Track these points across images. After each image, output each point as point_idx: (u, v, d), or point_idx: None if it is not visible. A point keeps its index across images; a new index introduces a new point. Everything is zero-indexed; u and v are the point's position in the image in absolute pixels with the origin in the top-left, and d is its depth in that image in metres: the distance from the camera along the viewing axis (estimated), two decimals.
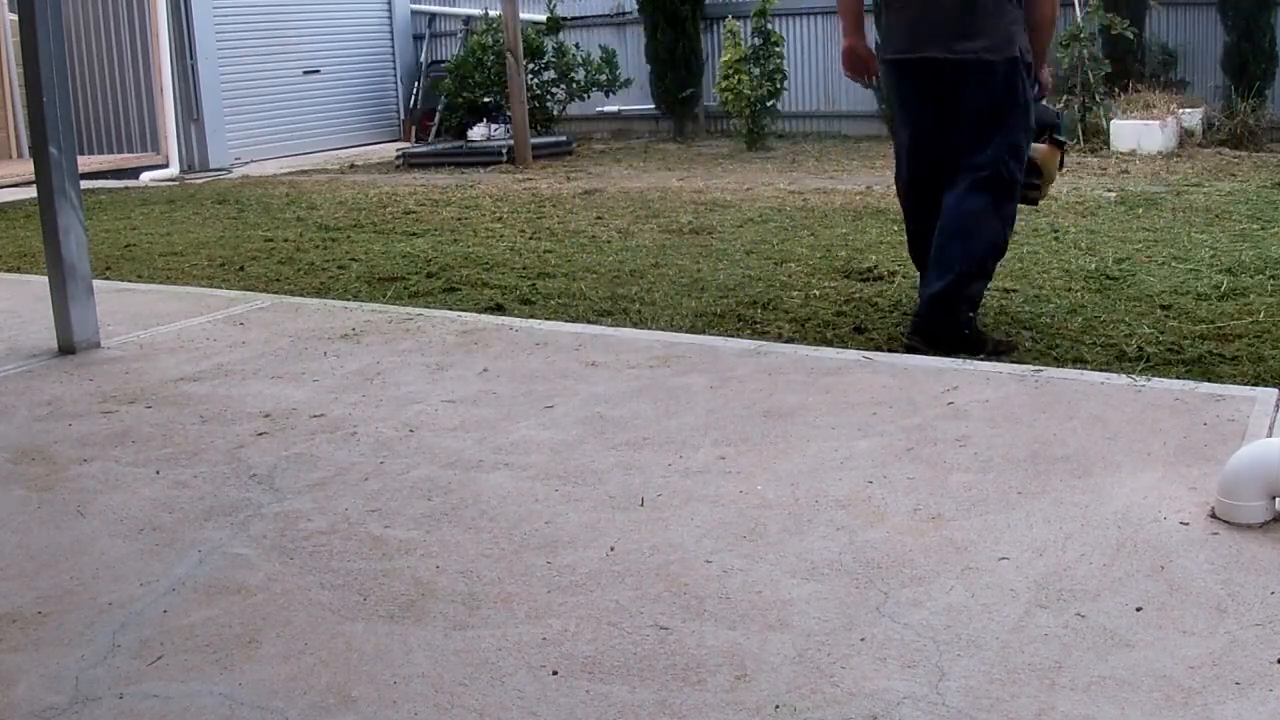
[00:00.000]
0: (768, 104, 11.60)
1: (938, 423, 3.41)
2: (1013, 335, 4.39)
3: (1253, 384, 3.71)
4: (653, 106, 13.27)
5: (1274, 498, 2.68)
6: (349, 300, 5.43)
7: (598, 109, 13.55)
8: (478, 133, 13.13)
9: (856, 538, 2.70)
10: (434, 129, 13.84)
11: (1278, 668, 2.10)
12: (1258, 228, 6.30)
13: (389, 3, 14.40)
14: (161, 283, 6.08)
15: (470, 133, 13.21)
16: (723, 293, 5.28)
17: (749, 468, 3.14)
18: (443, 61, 14.14)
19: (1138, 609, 2.33)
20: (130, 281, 6.13)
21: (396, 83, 14.49)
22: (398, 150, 12.21)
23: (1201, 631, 2.23)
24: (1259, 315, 4.52)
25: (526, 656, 2.25)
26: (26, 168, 9.40)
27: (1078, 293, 5.01)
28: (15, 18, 8.94)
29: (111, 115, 12.21)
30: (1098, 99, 10.15)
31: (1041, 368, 3.92)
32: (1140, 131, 9.68)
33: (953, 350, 4.09)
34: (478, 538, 2.79)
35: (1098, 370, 3.91)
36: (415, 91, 14.42)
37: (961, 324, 4.16)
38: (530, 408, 3.71)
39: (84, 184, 5.18)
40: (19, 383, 4.22)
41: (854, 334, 4.52)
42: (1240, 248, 5.75)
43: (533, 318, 4.95)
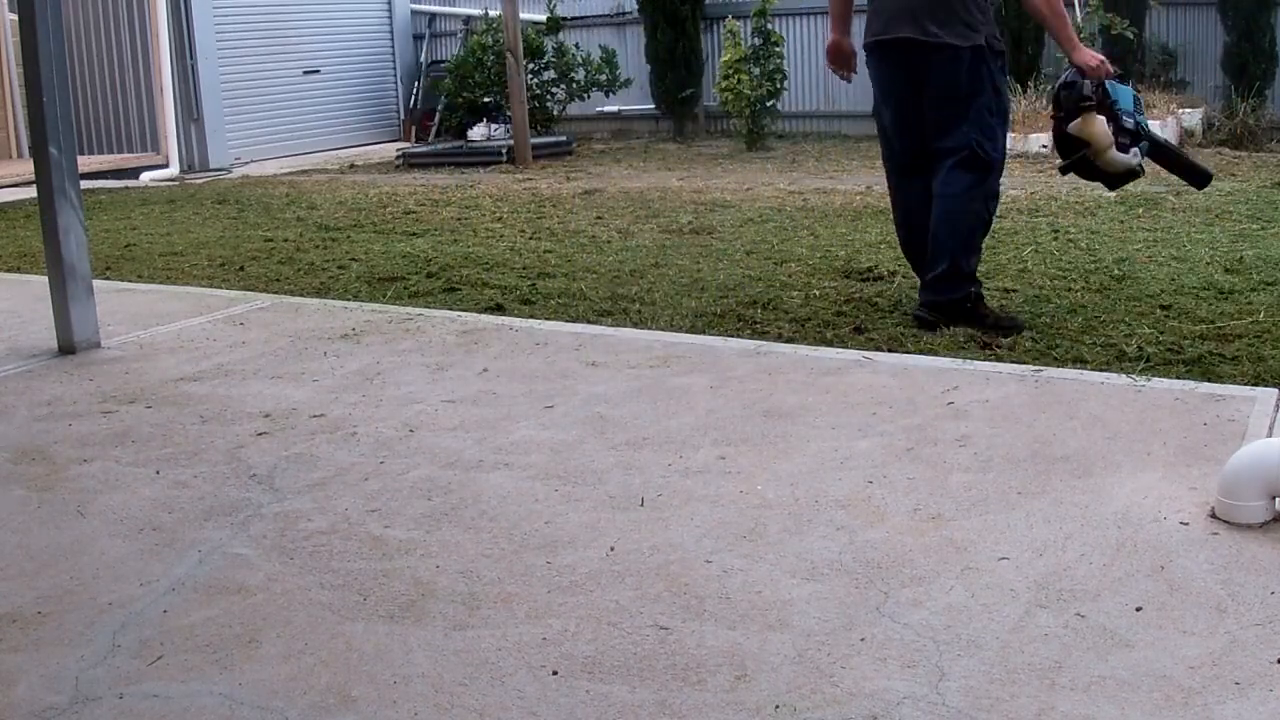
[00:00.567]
0: (768, 104, 11.59)
1: (938, 423, 3.41)
2: (1019, 321, 4.48)
3: (1253, 384, 3.71)
4: (653, 106, 13.27)
5: (1274, 498, 2.68)
6: (349, 300, 5.43)
7: (598, 109, 13.55)
8: (478, 133, 13.13)
9: (856, 538, 2.70)
10: (434, 129, 13.84)
11: (1278, 668, 2.10)
12: (1258, 228, 6.30)
13: (389, 3, 14.40)
14: (161, 283, 6.08)
15: (470, 133, 13.21)
16: (723, 293, 5.28)
17: (749, 468, 3.14)
18: (443, 61, 14.14)
19: (1138, 609, 2.33)
20: (130, 281, 6.13)
21: (396, 83, 14.49)
22: (398, 150, 12.21)
23: (1201, 631, 2.23)
24: (1259, 315, 4.52)
25: (526, 656, 2.25)
26: (26, 168, 9.40)
27: (1078, 293, 5.01)
28: (15, 18, 8.94)
29: (111, 115, 12.20)
30: None
31: (1041, 368, 3.92)
32: None
33: (957, 323, 4.43)
34: (478, 538, 2.79)
35: (1098, 370, 3.91)
36: (415, 91, 14.41)
37: (964, 298, 4.48)
38: (530, 408, 3.70)
39: (84, 184, 5.18)
40: (19, 383, 4.22)
41: (854, 334, 4.52)
42: (1240, 248, 5.75)
43: (533, 318, 4.95)
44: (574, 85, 13.02)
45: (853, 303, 5.00)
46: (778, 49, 11.59)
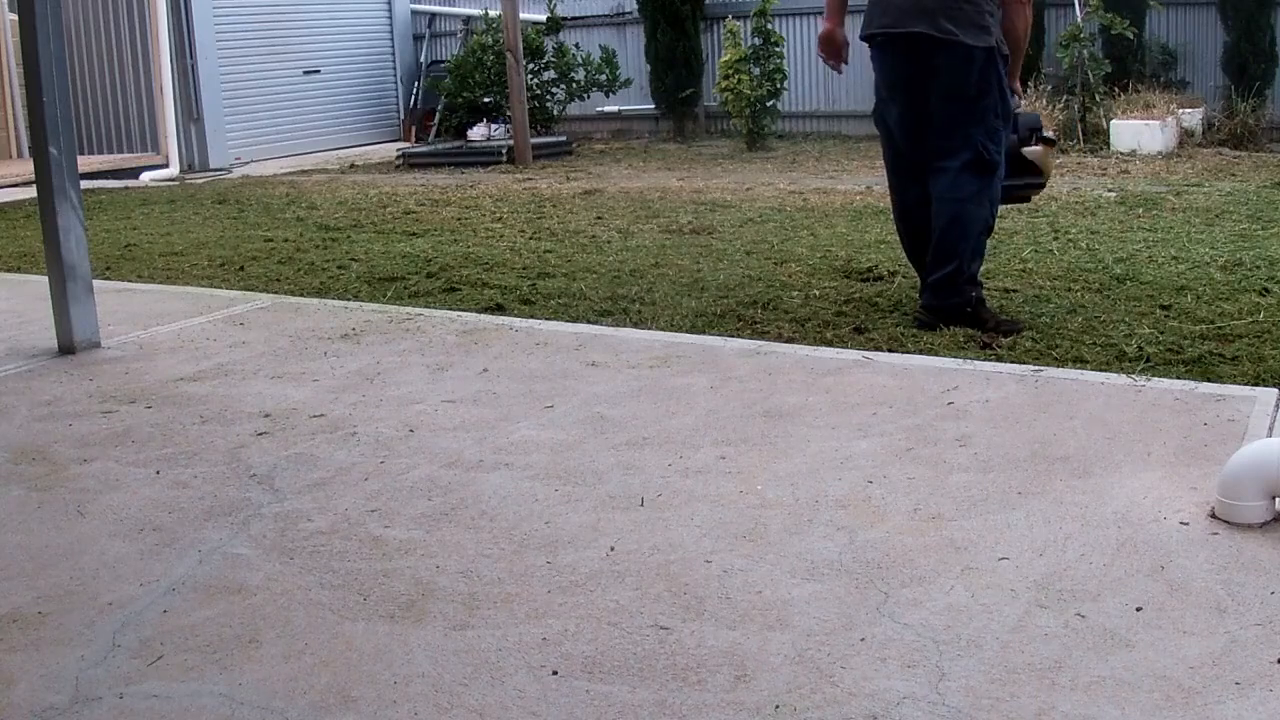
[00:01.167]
0: (768, 104, 11.60)
1: (938, 423, 3.41)
2: (1019, 323, 4.47)
3: (1253, 384, 3.71)
4: (653, 106, 13.27)
5: (1274, 498, 2.68)
6: (349, 300, 5.43)
7: (598, 109, 13.55)
8: (478, 133, 13.13)
9: (856, 538, 2.70)
10: (434, 129, 13.84)
11: (1278, 668, 2.10)
12: (1258, 228, 6.30)
13: (389, 3, 14.40)
14: (161, 283, 6.08)
15: (470, 133, 13.21)
16: (723, 293, 5.28)
17: (749, 468, 3.14)
18: (443, 61, 14.14)
19: (1138, 609, 2.33)
20: (130, 281, 6.13)
21: (396, 83, 14.49)
22: (398, 150, 12.21)
23: (1201, 631, 2.23)
24: (1259, 315, 4.52)
25: (526, 656, 2.25)
26: (26, 168, 9.40)
27: (1078, 293, 5.00)
28: (15, 17, 8.94)
29: (111, 115, 12.21)
30: (1098, 99, 10.15)
31: (1041, 368, 3.92)
32: (1140, 131, 9.68)
33: (958, 324, 4.46)
34: (478, 538, 2.79)
35: (1098, 370, 3.91)
36: (415, 91, 14.42)
37: (966, 302, 4.50)
38: (530, 408, 3.71)
39: (84, 184, 5.18)
40: (19, 383, 4.22)
41: (854, 334, 4.52)
42: (1240, 248, 5.75)
43: (533, 318, 4.95)
44: (574, 85, 13.02)
45: (853, 303, 5.00)
46: (778, 49, 11.59)
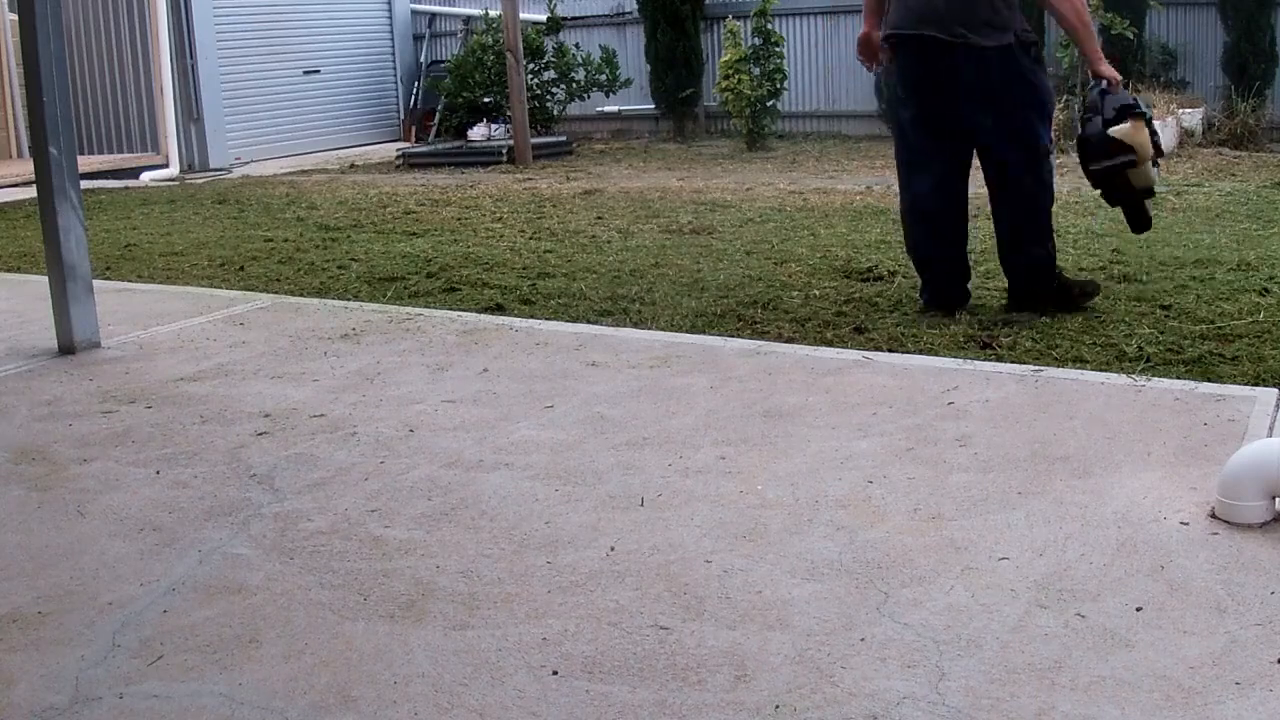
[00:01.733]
0: (768, 104, 11.59)
1: (938, 423, 3.41)
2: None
3: (1253, 384, 3.71)
4: (653, 106, 13.27)
5: (1274, 498, 2.68)
6: (349, 300, 5.43)
7: (598, 109, 13.54)
8: (478, 133, 13.13)
9: (856, 538, 2.70)
10: (434, 129, 13.84)
11: (1278, 668, 2.10)
12: (1258, 227, 6.30)
13: (389, 3, 14.40)
14: (161, 283, 6.08)
15: (470, 133, 13.21)
16: (723, 293, 5.28)
17: (749, 468, 3.14)
18: (443, 61, 14.14)
19: (1138, 609, 2.33)
20: (130, 281, 6.13)
21: (396, 83, 14.48)
22: (398, 150, 12.21)
23: (1201, 631, 2.23)
24: (1259, 315, 4.52)
25: (526, 656, 2.25)
26: (26, 168, 9.40)
27: None
28: (15, 17, 8.94)
29: (111, 115, 12.20)
30: None
31: (1041, 368, 3.92)
32: None
33: (1050, 304, 4.60)
34: (478, 538, 2.79)
35: (1098, 370, 3.91)
36: (415, 91, 14.41)
37: (1051, 282, 4.64)
38: (530, 408, 3.71)
39: (84, 184, 5.18)
40: (19, 383, 4.22)
41: (854, 334, 4.52)
42: (1240, 247, 5.75)
43: (533, 318, 4.95)
44: (574, 85, 13.02)
45: (853, 303, 5.00)
46: (778, 49, 11.59)
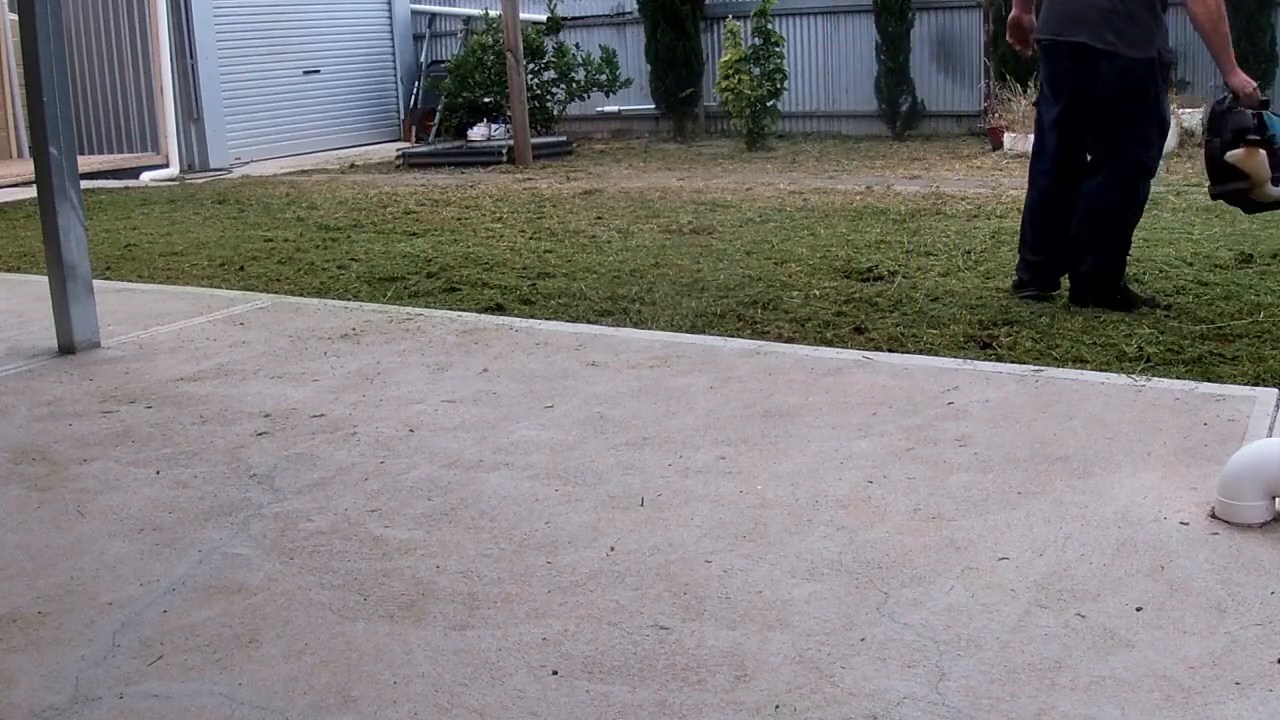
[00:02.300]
0: (768, 104, 11.60)
1: (938, 423, 3.41)
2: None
3: (1253, 384, 3.71)
4: (653, 106, 13.28)
5: (1274, 498, 2.68)
6: (349, 300, 5.43)
7: (598, 109, 13.55)
8: (478, 133, 13.13)
9: (856, 538, 2.70)
10: (434, 129, 13.84)
11: (1278, 668, 2.10)
12: (1258, 227, 6.29)
13: (389, 3, 14.41)
14: (161, 283, 6.08)
15: (470, 133, 13.21)
16: (723, 293, 5.28)
17: (749, 468, 3.14)
18: (443, 61, 14.15)
19: (1138, 609, 2.33)
20: (130, 281, 6.13)
21: (396, 83, 14.49)
22: (398, 150, 12.21)
23: (1201, 631, 2.23)
24: (1259, 315, 4.52)
25: (526, 656, 2.25)
26: (26, 168, 9.40)
27: None
28: (15, 17, 8.94)
29: (111, 115, 12.21)
30: None
31: (1041, 368, 3.92)
32: None
33: (1109, 307, 4.67)
34: (478, 538, 2.79)
35: (1098, 370, 3.91)
36: (415, 91, 14.42)
37: (1117, 288, 4.72)
38: (530, 408, 3.71)
39: (84, 184, 5.18)
40: (19, 383, 4.22)
41: (854, 334, 4.52)
42: (1241, 247, 5.75)
43: (533, 318, 4.95)
44: (574, 85, 13.02)
45: (853, 303, 5.00)
46: (778, 49, 11.59)
